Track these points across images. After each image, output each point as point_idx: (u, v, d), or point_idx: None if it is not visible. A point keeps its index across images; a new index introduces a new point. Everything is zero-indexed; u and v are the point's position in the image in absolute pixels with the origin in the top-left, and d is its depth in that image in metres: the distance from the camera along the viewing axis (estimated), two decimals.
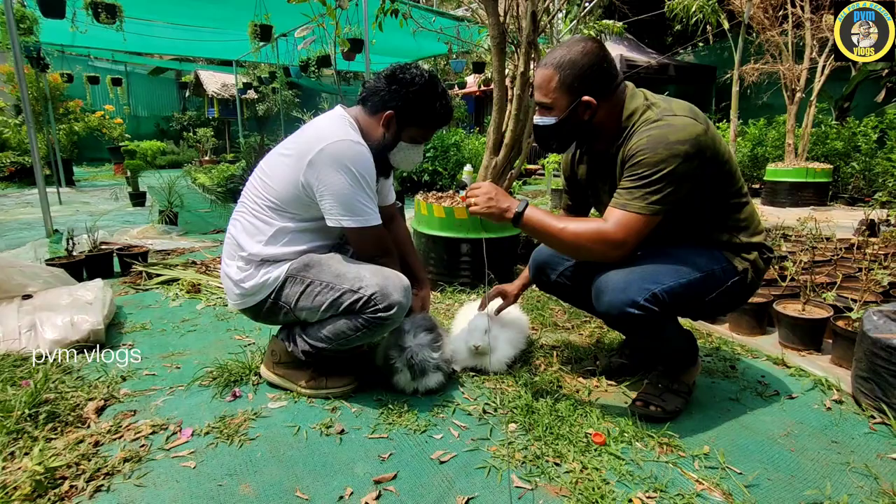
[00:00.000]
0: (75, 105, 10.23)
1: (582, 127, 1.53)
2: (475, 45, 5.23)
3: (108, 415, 1.64)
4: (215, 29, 8.01)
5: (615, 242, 1.42)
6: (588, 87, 1.47)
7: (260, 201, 1.67)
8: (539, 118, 1.56)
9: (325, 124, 1.64)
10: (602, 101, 1.49)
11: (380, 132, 1.69)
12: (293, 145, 1.64)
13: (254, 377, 1.86)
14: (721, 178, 1.52)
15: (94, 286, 2.47)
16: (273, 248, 1.65)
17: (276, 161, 1.67)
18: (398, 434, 1.53)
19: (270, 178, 1.66)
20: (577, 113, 1.49)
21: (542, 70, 1.51)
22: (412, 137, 1.72)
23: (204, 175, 8.45)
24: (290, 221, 1.66)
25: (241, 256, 1.67)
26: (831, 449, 1.45)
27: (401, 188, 6.62)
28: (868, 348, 1.63)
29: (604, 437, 1.46)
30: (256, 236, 1.66)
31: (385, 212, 2.03)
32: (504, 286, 2.02)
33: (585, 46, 1.47)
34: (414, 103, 1.66)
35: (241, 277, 1.66)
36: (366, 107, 1.71)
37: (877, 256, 2.80)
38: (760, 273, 1.60)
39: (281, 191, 1.62)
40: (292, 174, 1.59)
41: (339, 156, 1.54)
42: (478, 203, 1.53)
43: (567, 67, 1.46)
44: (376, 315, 1.57)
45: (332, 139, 1.55)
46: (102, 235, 3.86)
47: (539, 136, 1.61)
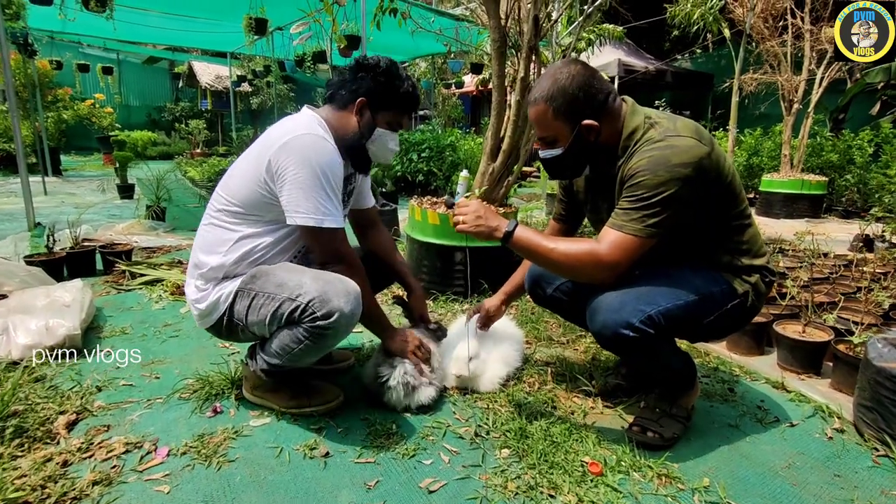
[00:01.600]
0: (64, 93, 10.03)
1: (590, 149, 1.48)
2: (475, 46, 5.14)
3: (81, 430, 1.56)
4: (210, 20, 7.86)
5: (608, 264, 1.37)
6: (584, 110, 1.42)
7: (221, 206, 1.59)
8: (545, 152, 1.51)
9: (289, 122, 1.58)
10: (602, 121, 1.44)
11: (354, 122, 1.62)
12: (256, 145, 1.58)
13: (236, 391, 1.78)
14: (723, 199, 1.47)
15: (73, 287, 2.37)
16: (233, 256, 1.56)
17: (238, 164, 1.61)
18: (386, 458, 1.46)
19: (232, 178, 1.59)
20: (581, 138, 1.44)
21: (534, 107, 1.46)
22: (388, 122, 1.66)
23: (194, 169, 8.30)
24: (252, 226, 1.57)
25: (200, 274, 1.60)
26: (834, 484, 1.40)
27: (394, 188, 6.53)
28: (872, 377, 1.58)
29: (600, 467, 1.40)
30: (217, 248, 1.58)
31: (364, 216, 1.96)
32: (484, 303, 1.97)
33: (570, 70, 1.42)
34: (384, 86, 1.61)
35: (197, 297, 1.59)
36: (335, 102, 1.65)
37: (875, 275, 2.77)
38: (761, 296, 1.55)
39: (242, 191, 1.55)
40: (254, 171, 1.52)
41: (303, 149, 1.47)
42: (466, 222, 1.47)
43: (558, 97, 1.41)
44: (315, 324, 1.43)
45: (296, 133, 1.49)
46: (86, 230, 3.76)
47: (550, 169, 1.57)
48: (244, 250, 1.57)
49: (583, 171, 1.59)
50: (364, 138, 1.64)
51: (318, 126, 1.57)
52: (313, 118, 1.60)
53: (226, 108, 14.20)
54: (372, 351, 2.14)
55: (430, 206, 2.93)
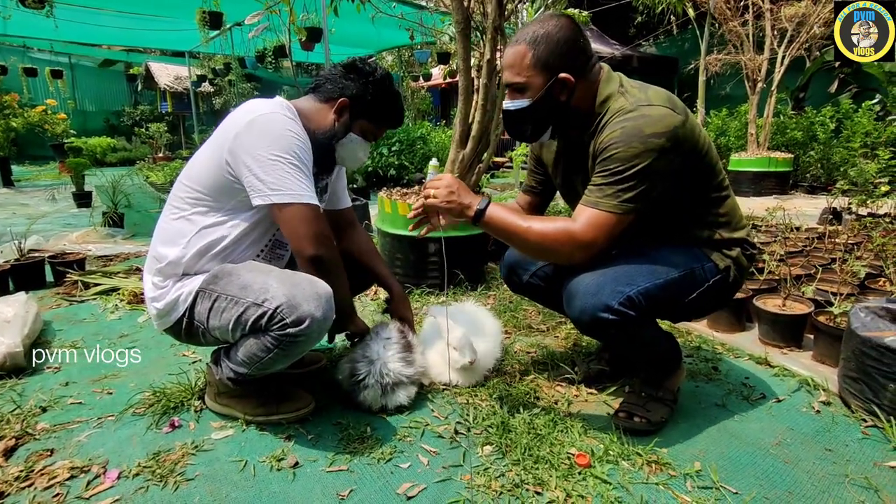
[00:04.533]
0: (11, 99, 9.50)
1: (558, 110, 1.38)
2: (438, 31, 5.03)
3: (20, 456, 1.40)
4: (165, 17, 7.53)
5: (583, 243, 1.29)
6: (565, 63, 1.33)
7: (182, 195, 1.47)
8: (510, 102, 1.40)
9: (253, 103, 1.46)
10: (579, 80, 1.35)
11: (330, 120, 1.52)
12: (219, 128, 1.46)
13: (196, 402, 1.65)
14: (700, 171, 1.40)
15: (15, 301, 2.19)
16: (193, 249, 1.43)
17: (201, 150, 1.49)
18: (360, 465, 1.36)
19: (193, 165, 1.47)
20: (552, 93, 1.35)
21: (514, 47, 1.35)
22: (363, 131, 1.58)
23: (155, 173, 7.97)
24: (214, 215, 1.44)
25: (159, 269, 1.46)
26: (826, 458, 1.36)
27: (365, 183, 6.38)
28: (857, 347, 1.55)
29: (588, 458, 1.33)
30: (177, 238, 1.45)
31: (341, 217, 1.85)
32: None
33: (560, 21, 1.33)
34: (371, 95, 1.54)
35: (155, 295, 1.46)
36: (317, 93, 1.56)
37: (847, 246, 2.79)
38: (743, 270, 1.50)
39: (204, 176, 1.43)
40: (216, 152, 1.41)
41: (270, 124, 1.37)
42: (437, 196, 1.38)
43: (542, 42, 1.31)
44: (284, 332, 1.31)
45: (262, 111, 1.39)
46: (36, 241, 3.52)
47: (510, 123, 1.45)
48: (205, 242, 1.44)
49: (543, 134, 1.45)
50: (335, 138, 1.55)
51: (286, 109, 1.46)
52: (281, 103, 1.48)
53: (187, 109, 13.72)
54: (345, 350, 2.02)
55: (399, 198, 2.83)
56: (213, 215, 1.45)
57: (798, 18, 5.95)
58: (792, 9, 6.03)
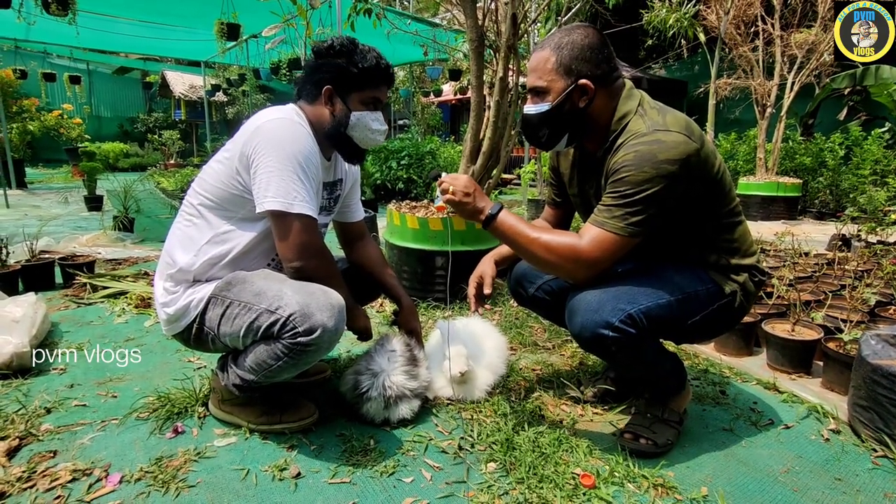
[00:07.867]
0: (30, 103, 9.68)
1: (577, 116, 1.40)
2: (452, 48, 5.09)
3: (23, 456, 1.40)
4: (183, 28, 7.68)
5: (587, 261, 1.30)
6: (586, 70, 1.35)
7: (195, 202, 1.50)
8: (530, 106, 1.43)
9: (266, 111, 1.49)
10: (599, 89, 1.37)
11: (327, 114, 1.53)
12: (233, 138, 1.49)
13: (200, 408, 1.64)
14: (712, 197, 1.41)
15: (25, 301, 2.20)
16: (205, 257, 1.45)
17: (215, 158, 1.52)
18: (362, 477, 1.34)
19: (206, 173, 1.50)
20: (571, 98, 1.37)
21: (538, 52, 1.39)
22: (363, 102, 1.53)
23: (166, 179, 8.06)
24: (226, 224, 1.47)
25: (170, 275, 1.48)
26: (836, 488, 1.33)
27: (374, 196, 6.42)
28: (867, 375, 1.53)
29: (593, 479, 1.31)
30: (189, 245, 1.47)
31: (353, 229, 1.86)
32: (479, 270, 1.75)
33: (586, 31, 1.37)
34: (346, 66, 1.49)
35: (167, 300, 1.47)
36: (305, 99, 1.56)
37: (857, 273, 2.77)
38: (750, 297, 1.49)
39: (216, 185, 1.46)
40: (228, 162, 1.44)
41: (275, 131, 1.39)
42: (455, 193, 1.39)
43: (566, 47, 1.35)
44: (296, 340, 1.32)
45: (270, 117, 1.42)
46: (46, 243, 3.56)
47: (528, 127, 1.47)
48: (217, 251, 1.46)
49: (559, 141, 1.46)
50: (342, 126, 1.52)
51: (295, 114, 1.48)
52: (292, 108, 1.52)
53: (200, 118, 13.91)
54: (350, 362, 2.02)
55: (408, 210, 2.84)
56: (225, 224, 1.47)
57: (808, 45, 5.99)
58: (802, 35, 6.08)
